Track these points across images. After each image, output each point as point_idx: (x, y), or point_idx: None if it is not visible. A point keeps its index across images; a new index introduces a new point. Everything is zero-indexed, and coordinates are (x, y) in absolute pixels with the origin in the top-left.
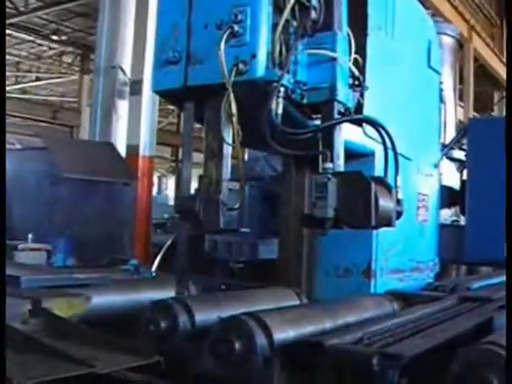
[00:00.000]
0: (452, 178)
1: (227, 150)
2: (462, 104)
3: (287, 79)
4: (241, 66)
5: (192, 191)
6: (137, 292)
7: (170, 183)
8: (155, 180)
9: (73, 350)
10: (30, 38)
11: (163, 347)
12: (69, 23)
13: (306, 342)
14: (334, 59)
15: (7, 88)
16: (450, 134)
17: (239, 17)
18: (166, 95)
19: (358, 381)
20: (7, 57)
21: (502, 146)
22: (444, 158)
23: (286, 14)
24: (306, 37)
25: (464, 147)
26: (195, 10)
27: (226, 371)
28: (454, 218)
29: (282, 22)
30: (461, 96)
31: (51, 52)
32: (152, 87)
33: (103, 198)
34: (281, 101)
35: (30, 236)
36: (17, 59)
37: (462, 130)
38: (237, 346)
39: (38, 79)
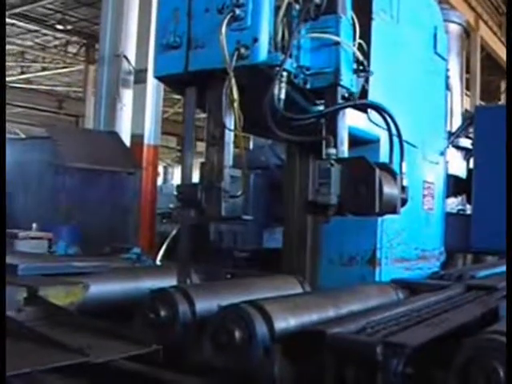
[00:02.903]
0: (458, 166)
1: (229, 136)
2: (469, 93)
3: (290, 64)
4: (242, 50)
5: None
6: (137, 280)
7: (176, 173)
8: (161, 170)
9: (68, 338)
10: (35, 28)
11: (163, 336)
12: (74, 13)
13: (307, 331)
14: (338, 43)
15: (13, 78)
16: (457, 123)
17: (241, 0)
18: (168, 81)
19: (360, 370)
20: (12, 47)
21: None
22: (450, 146)
23: None
24: (309, 20)
25: (471, 135)
26: None
27: (226, 360)
28: (460, 207)
29: (284, 6)
30: (467, 85)
31: (56, 42)
32: (154, 73)
33: (107, 187)
34: (283, 86)
35: (34, 225)
36: (22, 49)
37: (469, 118)
38: (237, 334)
39: (43, 69)
